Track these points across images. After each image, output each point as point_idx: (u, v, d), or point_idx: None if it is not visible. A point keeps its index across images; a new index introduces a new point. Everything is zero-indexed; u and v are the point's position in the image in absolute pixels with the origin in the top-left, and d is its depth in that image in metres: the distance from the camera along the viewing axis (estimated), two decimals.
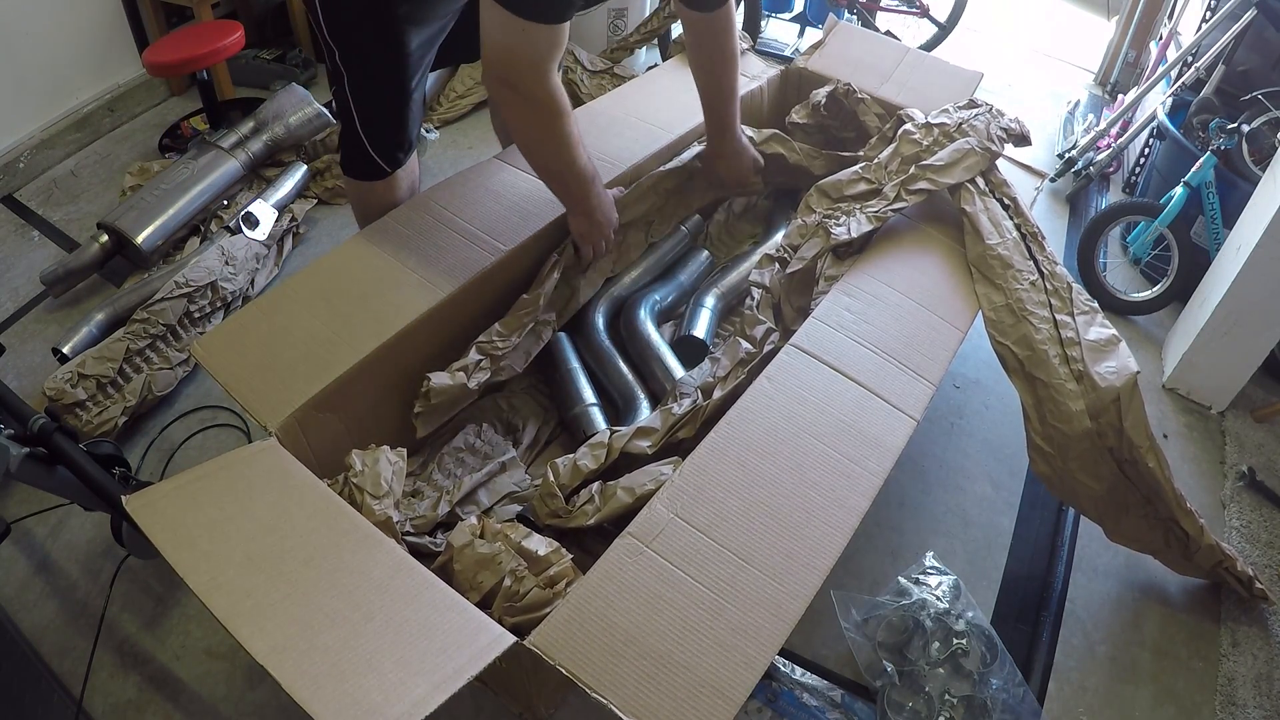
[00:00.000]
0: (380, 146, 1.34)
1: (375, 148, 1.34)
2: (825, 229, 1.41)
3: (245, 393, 1.10)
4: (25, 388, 1.61)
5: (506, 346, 1.33)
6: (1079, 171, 2.30)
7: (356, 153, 1.35)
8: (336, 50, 1.25)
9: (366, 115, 1.31)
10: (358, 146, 1.34)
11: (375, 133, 1.33)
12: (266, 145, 2.04)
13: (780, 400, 1.13)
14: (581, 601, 0.90)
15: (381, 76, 1.28)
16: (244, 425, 1.57)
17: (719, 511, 0.99)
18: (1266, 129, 1.93)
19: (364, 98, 1.30)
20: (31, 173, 2.16)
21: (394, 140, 1.36)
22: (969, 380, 1.76)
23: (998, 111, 1.55)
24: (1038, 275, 1.29)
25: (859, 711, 1.22)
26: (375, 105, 1.31)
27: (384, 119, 1.33)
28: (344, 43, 1.25)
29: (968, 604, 1.31)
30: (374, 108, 1.31)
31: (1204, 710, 1.28)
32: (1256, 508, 1.57)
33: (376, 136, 1.33)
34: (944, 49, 2.82)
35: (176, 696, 1.20)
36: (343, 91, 1.29)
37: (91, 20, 2.21)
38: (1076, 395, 1.16)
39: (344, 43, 1.25)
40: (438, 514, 1.19)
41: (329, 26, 1.24)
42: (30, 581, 1.32)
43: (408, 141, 1.38)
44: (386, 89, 1.29)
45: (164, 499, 0.94)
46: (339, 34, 1.24)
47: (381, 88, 1.29)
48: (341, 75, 1.27)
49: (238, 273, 1.76)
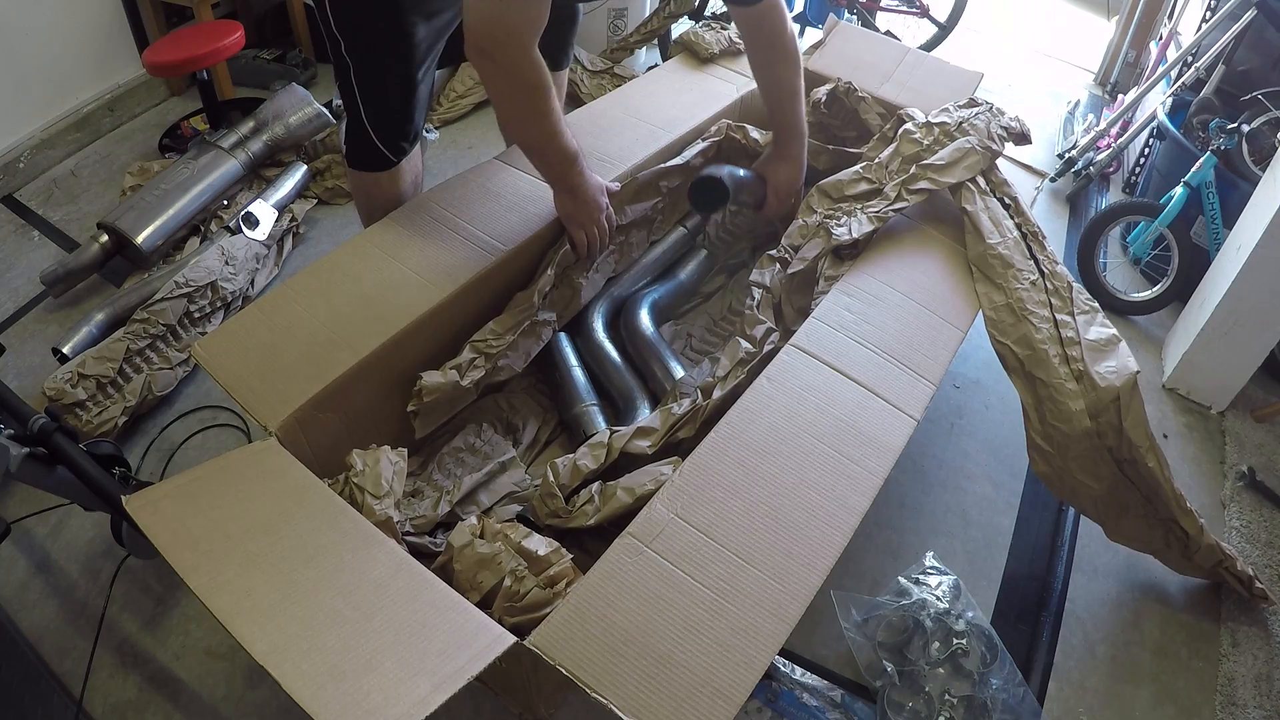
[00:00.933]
0: (386, 137, 1.35)
1: (381, 138, 1.35)
2: (826, 229, 1.41)
3: (245, 393, 1.10)
4: (25, 388, 1.61)
5: (501, 345, 1.32)
6: (1079, 171, 2.30)
7: (362, 143, 1.36)
8: (342, 41, 1.26)
9: (372, 105, 1.32)
10: (363, 137, 1.35)
11: (381, 123, 1.34)
12: (266, 145, 2.04)
13: (780, 400, 1.13)
14: (581, 601, 0.90)
15: (388, 67, 1.29)
16: (244, 425, 1.57)
17: (719, 511, 0.99)
18: (1266, 129, 1.93)
19: (370, 88, 1.30)
20: (31, 173, 2.16)
21: (399, 131, 1.36)
22: (969, 380, 1.76)
23: (998, 110, 1.55)
24: (1038, 275, 1.29)
25: (859, 711, 1.22)
26: (381, 95, 1.31)
27: (390, 109, 1.33)
28: (351, 33, 1.26)
29: (968, 604, 1.31)
30: (380, 98, 1.32)
31: (1204, 710, 1.28)
32: (1256, 508, 1.57)
33: (382, 127, 1.34)
34: (944, 49, 2.82)
35: (176, 696, 1.20)
36: (349, 82, 1.30)
37: (91, 20, 2.21)
38: (1076, 395, 1.16)
39: (351, 33, 1.26)
40: (438, 514, 1.19)
41: (336, 17, 1.24)
42: (30, 581, 1.32)
43: (413, 132, 1.39)
44: (393, 79, 1.30)
45: (164, 499, 0.94)
46: (346, 24, 1.25)
47: (388, 78, 1.30)
48: (348, 66, 1.28)
49: (238, 273, 1.75)
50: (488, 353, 1.31)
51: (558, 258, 1.41)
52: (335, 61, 1.30)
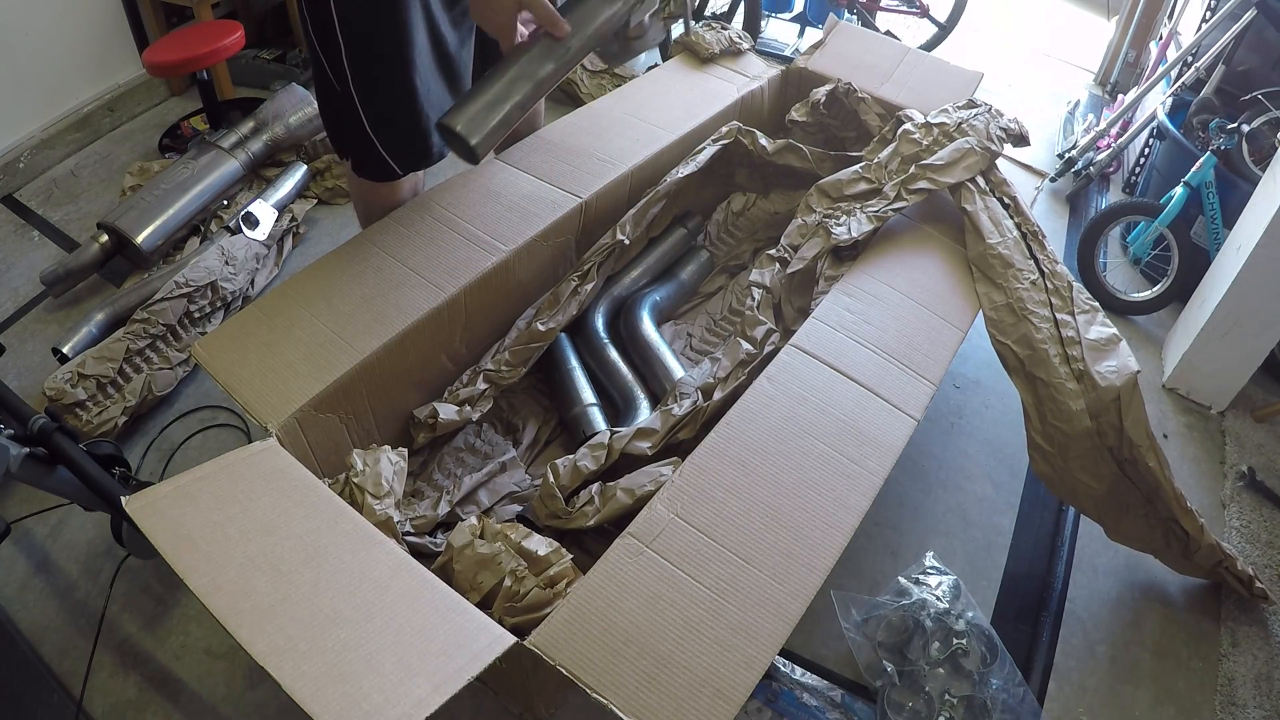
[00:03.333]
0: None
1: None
2: (826, 229, 1.41)
3: (245, 393, 1.10)
4: (25, 388, 1.61)
5: (513, 375, 1.36)
6: (1079, 171, 2.30)
7: (368, 153, 1.31)
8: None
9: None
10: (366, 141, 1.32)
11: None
12: (266, 145, 2.04)
13: (781, 400, 1.13)
14: (582, 602, 0.90)
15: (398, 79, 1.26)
16: (244, 425, 1.57)
17: (719, 512, 0.99)
18: (1266, 129, 1.93)
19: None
20: (31, 173, 2.16)
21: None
22: (969, 380, 1.76)
23: (997, 111, 1.55)
24: (1038, 274, 1.29)
25: (859, 711, 1.22)
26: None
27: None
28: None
29: (968, 604, 1.31)
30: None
31: (1204, 710, 1.28)
32: (1256, 508, 1.57)
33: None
34: (944, 49, 2.82)
35: (176, 696, 1.20)
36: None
37: (91, 20, 2.21)
38: (1077, 394, 1.16)
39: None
40: (438, 514, 1.19)
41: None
42: (30, 581, 1.32)
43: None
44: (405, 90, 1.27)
45: (164, 499, 0.94)
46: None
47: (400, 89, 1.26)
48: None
49: (238, 273, 1.75)
50: (499, 383, 1.34)
51: (579, 285, 1.43)
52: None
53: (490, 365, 1.36)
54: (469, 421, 1.32)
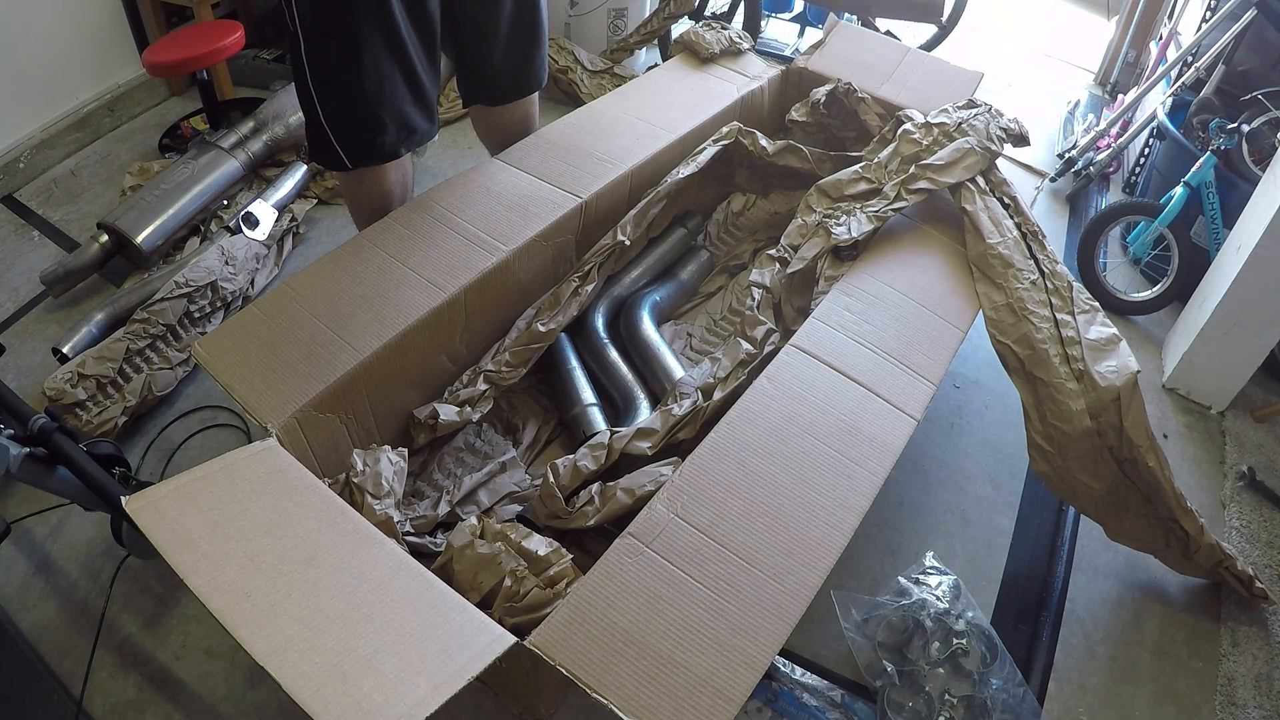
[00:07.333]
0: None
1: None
2: (826, 229, 1.41)
3: (245, 393, 1.10)
4: (25, 388, 1.61)
5: (514, 376, 1.36)
6: (1079, 171, 2.30)
7: (322, 141, 1.35)
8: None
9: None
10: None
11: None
12: (266, 145, 2.04)
13: (781, 400, 1.13)
14: (582, 601, 0.90)
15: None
16: (244, 425, 1.57)
17: (719, 511, 0.99)
18: (1266, 129, 1.93)
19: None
20: (31, 173, 2.16)
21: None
22: (969, 380, 1.76)
23: (996, 111, 1.55)
24: (1038, 274, 1.29)
25: (859, 711, 1.22)
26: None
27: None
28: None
29: (968, 604, 1.31)
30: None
31: (1204, 710, 1.28)
32: (1256, 508, 1.57)
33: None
34: (944, 49, 2.82)
35: (176, 696, 1.20)
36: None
37: (91, 20, 2.21)
38: (1077, 394, 1.16)
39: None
40: (438, 514, 1.19)
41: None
42: (30, 581, 1.32)
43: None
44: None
45: (164, 499, 0.94)
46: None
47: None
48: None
49: (238, 273, 1.75)
50: (500, 384, 1.34)
51: (580, 287, 1.43)
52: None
53: (490, 365, 1.36)
54: (469, 422, 1.32)
